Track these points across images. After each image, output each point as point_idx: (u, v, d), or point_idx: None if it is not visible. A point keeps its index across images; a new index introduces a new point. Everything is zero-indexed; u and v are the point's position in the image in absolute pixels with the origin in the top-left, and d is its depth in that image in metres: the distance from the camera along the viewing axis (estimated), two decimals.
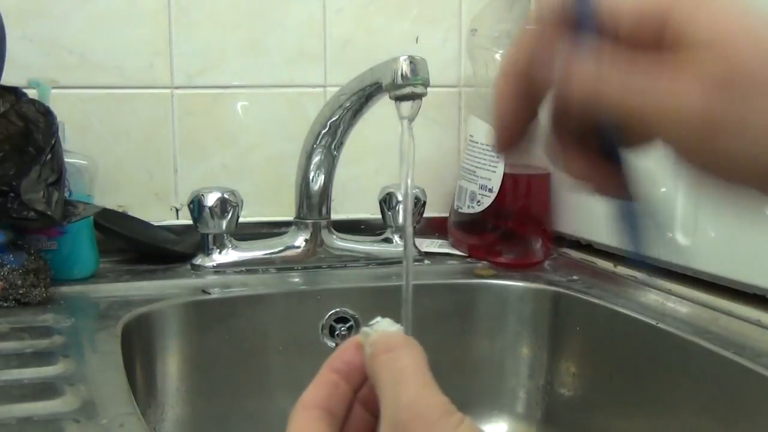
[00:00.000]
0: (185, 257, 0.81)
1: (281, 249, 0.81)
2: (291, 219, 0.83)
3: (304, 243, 0.81)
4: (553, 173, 0.90)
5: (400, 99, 0.63)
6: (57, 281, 0.70)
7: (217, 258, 0.79)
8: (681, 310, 0.67)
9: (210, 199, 0.77)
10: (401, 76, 0.63)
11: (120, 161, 0.88)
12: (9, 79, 0.69)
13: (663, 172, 0.28)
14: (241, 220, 0.80)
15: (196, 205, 0.77)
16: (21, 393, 0.48)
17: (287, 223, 0.84)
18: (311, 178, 0.80)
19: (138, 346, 0.65)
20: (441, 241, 0.90)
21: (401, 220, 0.84)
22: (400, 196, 0.84)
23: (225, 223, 0.78)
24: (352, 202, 0.94)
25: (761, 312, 0.62)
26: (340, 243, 0.83)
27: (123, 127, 0.87)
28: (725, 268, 0.66)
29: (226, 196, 0.77)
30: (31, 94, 0.70)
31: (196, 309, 0.71)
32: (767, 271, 0.62)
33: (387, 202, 0.84)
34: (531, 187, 0.88)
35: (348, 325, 0.75)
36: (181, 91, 0.89)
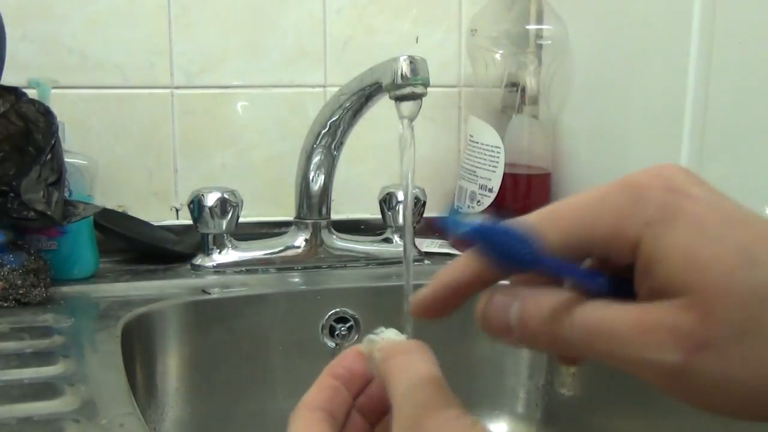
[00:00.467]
0: (185, 257, 0.81)
1: (281, 249, 0.81)
2: (291, 219, 0.83)
3: (304, 243, 0.81)
4: (553, 173, 0.90)
5: (400, 99, 0.63)
6: (57, 281, 0.70)
7: (217, 258, 0.79)
8: None
9: (210, 199, 0.77)
10: (401, 76, 0.63)
11: (120, 161, 0.88)
12: (9, 79, 0.69)
13: None
14: (241, 220, 0.80)
15: (196, 205, 0.77)
16: (21, 393, 0.48)
17: (287, 223, 0.84)
18: (311, 178, 0.80)
19: (138, 346, 0.65)
20: (441, 241, 0.90)
21: (401, 220, 0.84)
22: (400, 196, 0.84)
23: (225, 223, 0.78)
24: (352, 202, 0.94)
25: None
26: (340, 243, 0.83)
27: (123, 127, 0.87)
28: None
29: (226, 196, 0.77)
30: (31, 94, 0.70)
31: (196, 309, 0.71)
32: None
33: (387, 202, 0.84)
34: (531, 187, 0.88)
35: (348, 325, 0.75)
36: (181, 91, 0.89)
